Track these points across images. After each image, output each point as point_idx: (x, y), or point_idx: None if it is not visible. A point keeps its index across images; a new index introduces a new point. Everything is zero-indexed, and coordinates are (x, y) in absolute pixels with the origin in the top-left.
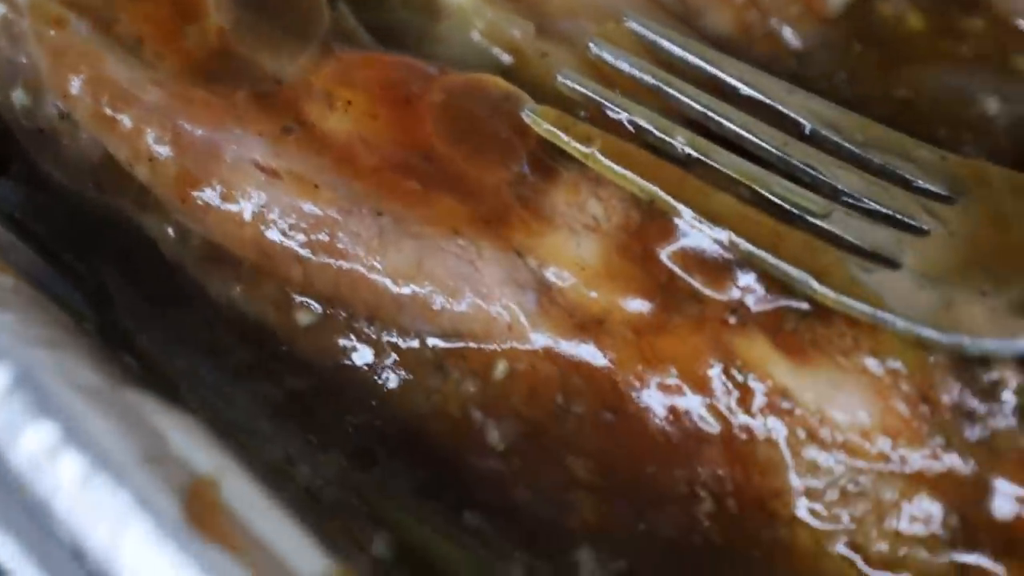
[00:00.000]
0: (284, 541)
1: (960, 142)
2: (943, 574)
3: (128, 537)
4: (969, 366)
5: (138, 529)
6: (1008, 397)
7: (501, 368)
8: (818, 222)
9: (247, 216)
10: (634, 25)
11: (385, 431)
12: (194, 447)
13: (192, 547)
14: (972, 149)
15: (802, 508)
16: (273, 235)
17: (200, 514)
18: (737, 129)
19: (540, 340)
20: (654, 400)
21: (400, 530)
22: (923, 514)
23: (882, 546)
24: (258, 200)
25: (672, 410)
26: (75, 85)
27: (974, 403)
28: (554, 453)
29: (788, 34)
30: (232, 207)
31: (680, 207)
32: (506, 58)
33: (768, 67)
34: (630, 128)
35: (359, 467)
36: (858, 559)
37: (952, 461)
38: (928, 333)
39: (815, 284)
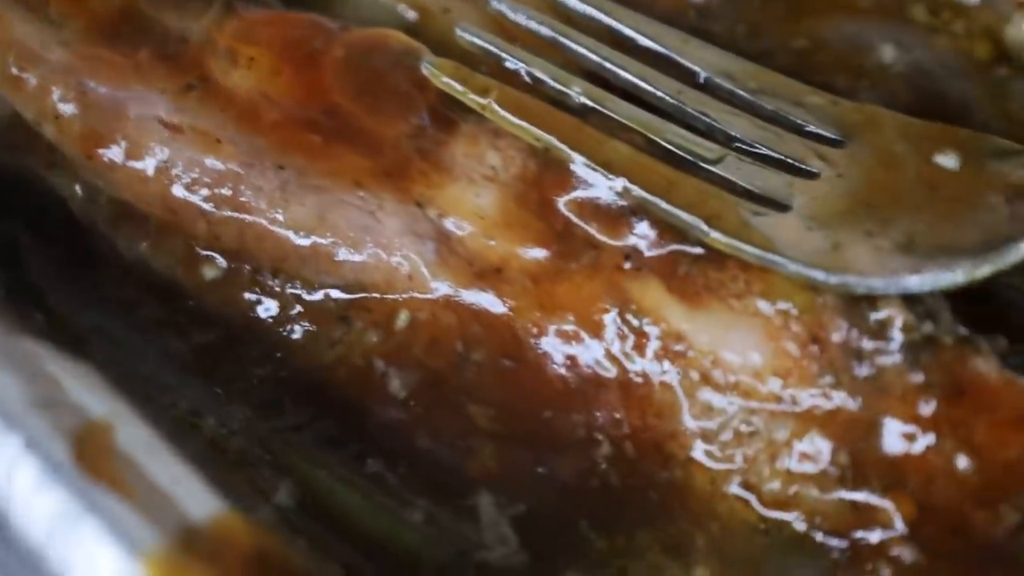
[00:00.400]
0: (177, 484)
1: (858, 90)
2: (834, 511)
3: (18, 479)
4: (857, 306)
5: (27, 471)
6: (895, 335)
7: (403, 318)
8: (711, 168)
9: (151, 172)
10: None
11: (290, 382)
12: (89, 393)
13: (79, 487)
14: (870, 96)
15: (697, 449)
16: (177, 190)
17: (91, 457)
18: (633, 79)
19: (440, 289)
20: (552, 346)
21: (303, 479)
22: (813, 452)
23: (774, 485)
24: (162, 156)
25: (569, 356)
26: None
27: (862, 342)
28: (455, 401)
29: None
30: (137, 164)
31: (575, 155)
32: (411, 15)
33: (670, 22)
34: (528, 80)
35: (264, 418)
36: (752, 498)
37: (841, 399)
38: (816, 274)
39: (706, 228)
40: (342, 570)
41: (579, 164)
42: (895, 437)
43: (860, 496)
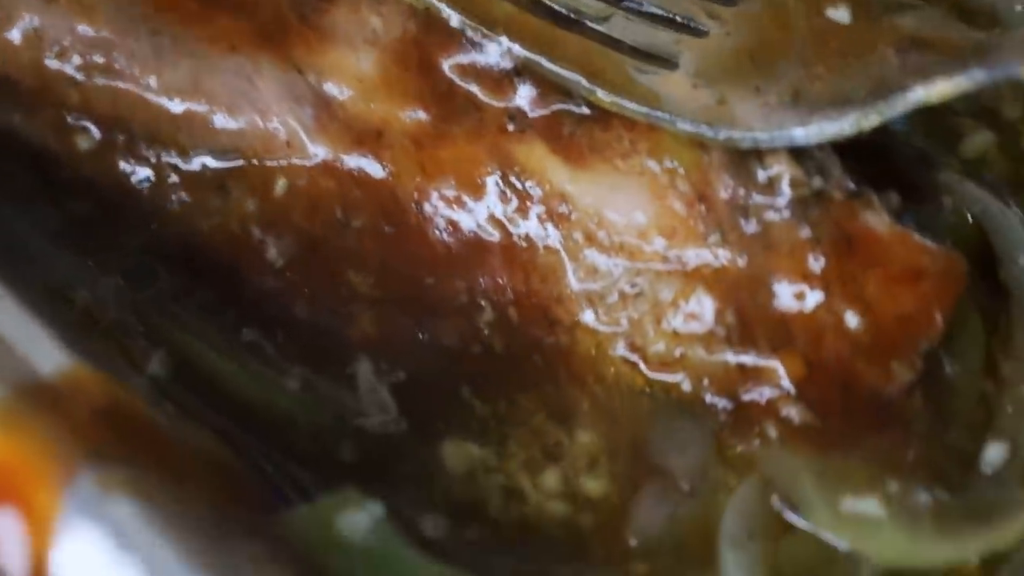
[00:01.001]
0: (27, 340)
1: None
2: (721, 372)
3: None
4: (745, 162)
5: None
6: (783, 190)
7: (281, 184)
8: (596, 26)
9: (23, 40)
10: None
11: (165, 252)
12: None
13: None
14: None
15: (582, 313)
16: (49, 59)
17: None
18: None
19: (319, 155)
20: (434, 211)
21: (178, 349)
22: (700, 312)
23: (660, 346)
24: (33, 23)
25: (452, 220)
26: None
27: (749, 198)
28: (334, 268)
29: None
30: (8, 32)
31: (455, 15)
32: None
33: None
34: None
35: (138, 288)
36: (638, 361)
37: (727, 257)
38: (702, 130)
39: (590, 86)
40: (212, 435)
41: (460, 23)
42: (783, 294)
43: (747, 356)
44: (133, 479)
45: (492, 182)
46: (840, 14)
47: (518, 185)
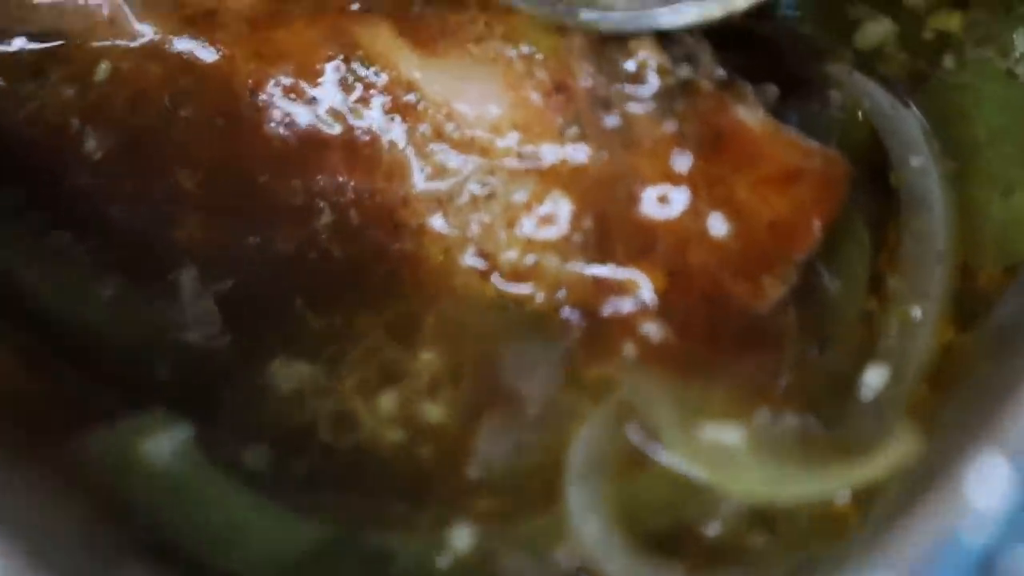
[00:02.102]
0: None
1: None
2: (577, 283)
3: None
4: (608, 50)
5: None
6: (648, 78)
7: (103, 69)
8: None
9: None
10: None
11: None
12: None
13: None
14: None
15: (429, 216)
16: None
17: None
18: None
19: (146, 35)
20: (269, 102)
21: None
22: (555, 216)
23: (512, 254)
24: None
25: (288, 112)
26: None
27: (611, 88)
28: (157, 163)
29: None
30: None
31: None
32: None
33: None
34: None
35: None
36: (489, 270)
37: (586, 154)
38: (559, 11)
39: None
40: (12, 353)
41: None
42: (645, 197)
43: (605, 266)
44: None
45: (332, 68)
46: None
47: (361, 72)
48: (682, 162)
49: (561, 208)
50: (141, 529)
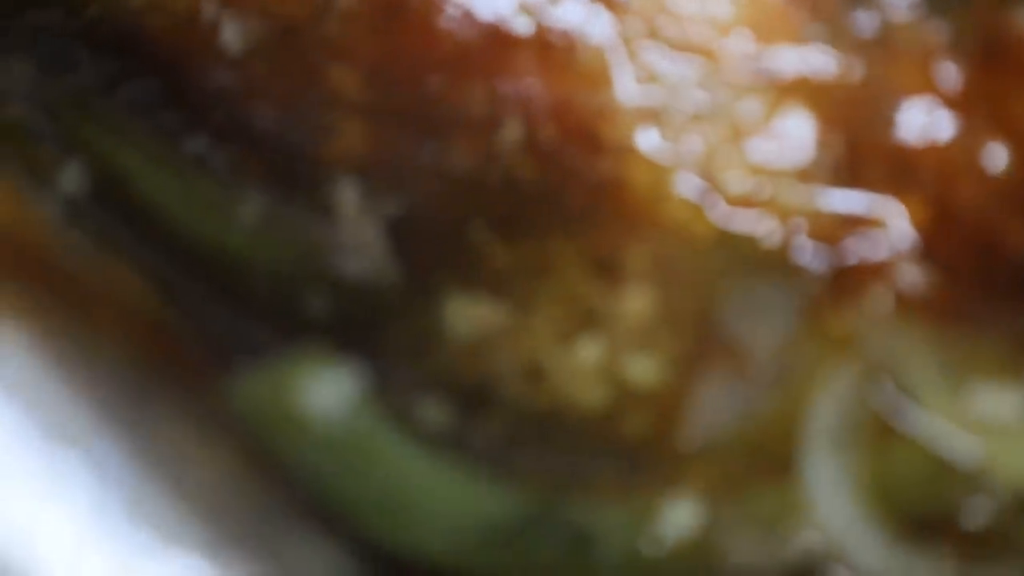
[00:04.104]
0: None
1: None
2: (818, 221)
3: None
4: None
5: None
6: None
7: None
8: None
9: None
10: None
11: (91, 30)
12: None
13: None
14: None
15: (637, 132)
16: None
17: None
18: None
19: None
20: None
21: (99, 157)
22: (794, 136)
23: (738, 180)
24: None
25: (466, 4)
26: None
27: None
28: (310, 60)
29: None
30: None
31: None
32: None
33: None
34: None
35: (51, 75)
36: (710, 201)
37: (835, 64)
38: None
39: None
40: (138, 276)
41: None
42: (906, 118)
43: (855, 198)
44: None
45: None
46: None
47: None
48: (952, 77)
49: (802, 127)
50: (300, 490)
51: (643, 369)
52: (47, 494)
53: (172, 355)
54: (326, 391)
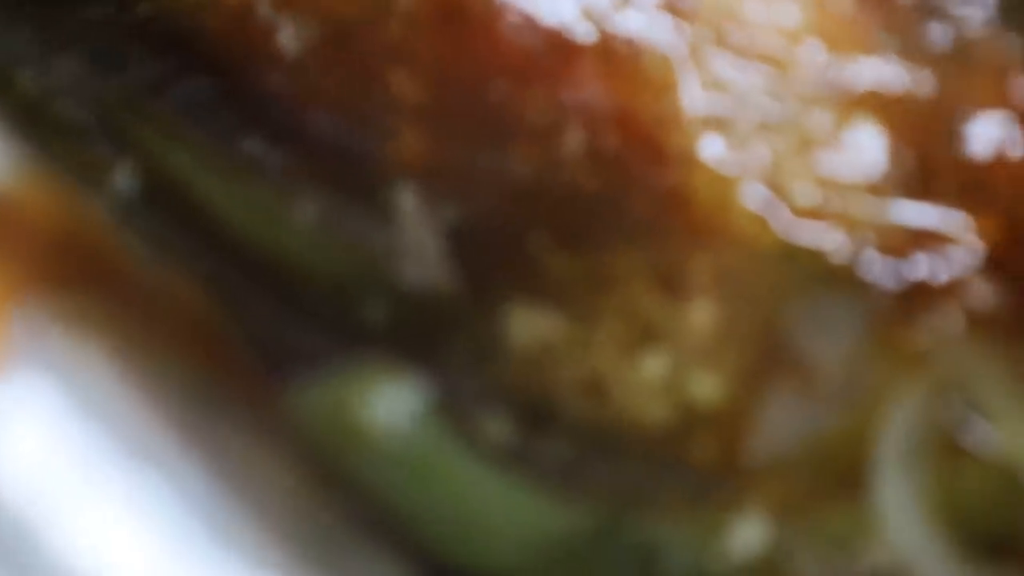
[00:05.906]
0: None
1: None
2: (888, 235)
3: None
4: None
5: None
6: None
7: None
8: None
9: None
10: None
11: (143, 27)
12: None
13: None
14: None
15: (702, 141)
16: None
17: None
18: None
19: None
20: None
21: (152, 157)
22: (864, 149)
23: (808, 195)
24: None
25: (530, 6)
26: None
27: None
28: (369, 62)
29: None
30: None
31: None
32: None
33: None
34: None
35: (103, 74)
36: (777, 213)
37: (908, 76)
38: None
39: None
40: (191, 279)
41: None
42: (978, 132)
43: (925, 211)
44: (92, 318)
45: None
46: None
47: None
48: None
49: (872, 140)
50: (364, 506)
51: (708, 385)
52: (130, 515)
53: (235, 368)
54: (390, 404)
